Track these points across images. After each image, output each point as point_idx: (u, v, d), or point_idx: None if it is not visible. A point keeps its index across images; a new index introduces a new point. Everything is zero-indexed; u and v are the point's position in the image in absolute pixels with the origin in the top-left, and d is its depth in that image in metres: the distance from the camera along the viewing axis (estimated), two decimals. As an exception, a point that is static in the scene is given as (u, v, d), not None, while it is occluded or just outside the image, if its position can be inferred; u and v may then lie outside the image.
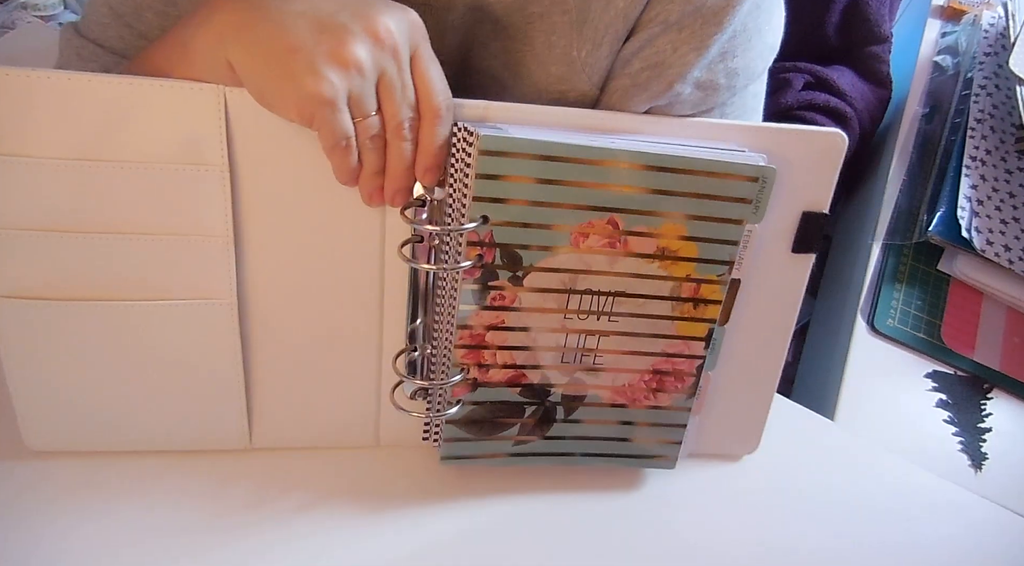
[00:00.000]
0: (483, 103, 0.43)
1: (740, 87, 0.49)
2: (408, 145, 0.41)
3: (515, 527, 0.51)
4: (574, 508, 0.53)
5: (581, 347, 0.48)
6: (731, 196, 0.45)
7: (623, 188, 0.43)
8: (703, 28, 0.45)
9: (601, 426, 0.51)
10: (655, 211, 0.44)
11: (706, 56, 0.46)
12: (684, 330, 0.49)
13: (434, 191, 0.44)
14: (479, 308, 0.46)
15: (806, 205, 0.48)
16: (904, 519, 0.55)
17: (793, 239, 0.49)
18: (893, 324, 0.72)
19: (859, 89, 1.00)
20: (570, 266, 0.45)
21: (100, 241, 0.43)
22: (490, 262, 0.44)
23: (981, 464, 0.62)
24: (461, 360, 0.47)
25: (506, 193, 0.42)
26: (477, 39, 0.50)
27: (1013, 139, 0.83)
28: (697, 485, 0.55)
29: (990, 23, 0.99)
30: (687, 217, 0.45)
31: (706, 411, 0.53)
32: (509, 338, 0.47)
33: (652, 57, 0.46)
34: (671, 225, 0.45)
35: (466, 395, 0.48)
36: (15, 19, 1.02)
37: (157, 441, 0.51)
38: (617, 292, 0.47)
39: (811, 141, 0.47)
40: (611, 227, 0.44)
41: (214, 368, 0.48)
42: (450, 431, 0.50)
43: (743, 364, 0.52)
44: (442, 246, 0.46)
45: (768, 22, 0.49)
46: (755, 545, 0.52)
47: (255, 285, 0.46)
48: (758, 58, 0.49)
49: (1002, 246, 0.74)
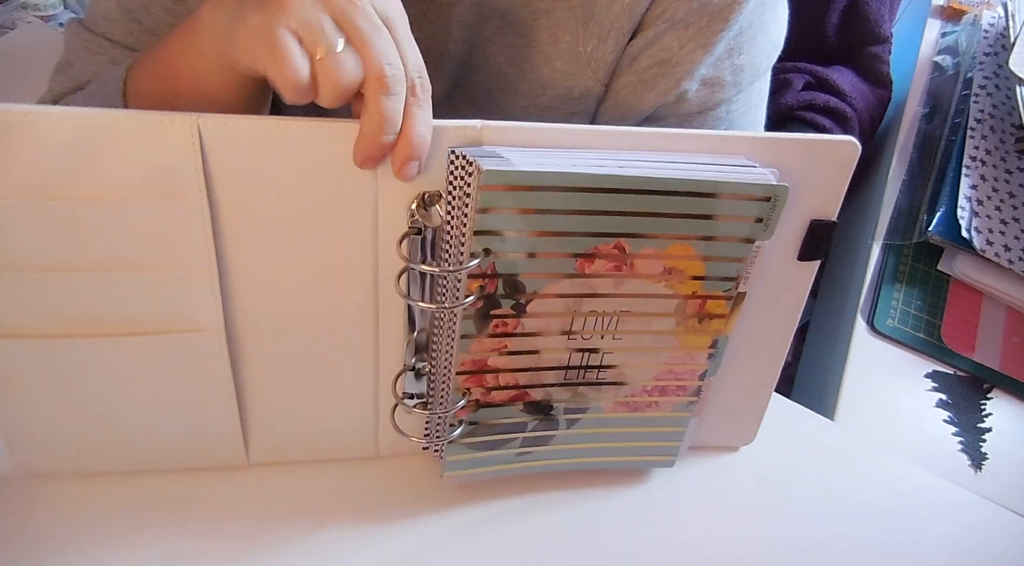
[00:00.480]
0: (477, 123, 0.41)
1: (746, 84, 0.49)
2: (389, 101, 0.36)
3: (517, 528, 0.51)
4: (574, 507, 0.53)
5: (584, 365, 0.47)
6: (741, 216, 0.43)
7: (630, 213, 0.42)
8: (709, 25, 0.45)
9: (603, 433, 0.51)
10: (662, 234, 0.43)
11: (712, 53, 0.46)
12: (688, 343, 0.48)
13: (431, 216, 0.42)
14: (481, 336, 0.44)
15: (814, 214, 0.47)
16: (904, 519, 0.55)
17: (800, 247, 0.48)
18: (893, 324, 0.72)
19: (859, 89, 1.00)
20: (575, 291, 0.44)
21: (79, 279, 0.41)
22: (492, 292, 0.43)
23: (981, 464, 0.62)
24: (463, 385, 0.46)
25: (509, 225, 0.40)
26: (482, 35, 0.50)
27: (1013, 139, 0.83)
28: (697, 484, 0.55)
29: (990, 23, 0.99)
30: (696, 238, 0.43)
31: (706, 407, 0.53)
32: (512, 361, 0.46)
33: (659, 54, 0.46)
34: (679, 246, 0.43)
35: (467, 416, 0.48)
36: (15, 19, 1.02)
37: (153, 462, 0.50)
38: (622, 312, 0.46)
39: (823, 150, 0.45)
40: (617, 251, 0.43)
41: (206, 394, 0.47)
42: (452, 450, 0.49)
43: (745, 364, 0.52)
44: (441, 279, 0.44)
45: (773, 19, 0.49)
46: (755, 545, 0.52)
47: (245, 314, 0.44)
48: (763, 55, 0.49)
49: (1002, 246, 0.74)
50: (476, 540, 0.50)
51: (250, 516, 0.49)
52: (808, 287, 0.50)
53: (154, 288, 0.42)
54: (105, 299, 0.42)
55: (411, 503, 0.51)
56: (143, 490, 0.49)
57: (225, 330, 0.44)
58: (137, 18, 0.51)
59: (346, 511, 0.50)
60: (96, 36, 0.52)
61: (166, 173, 0.39)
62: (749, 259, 0.46)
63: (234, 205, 0.41)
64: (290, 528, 0.49)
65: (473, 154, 0.39)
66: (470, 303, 0.42)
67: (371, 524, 0.50)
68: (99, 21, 0.52)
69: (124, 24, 0.51)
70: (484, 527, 0.51)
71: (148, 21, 0.51)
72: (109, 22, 0.52)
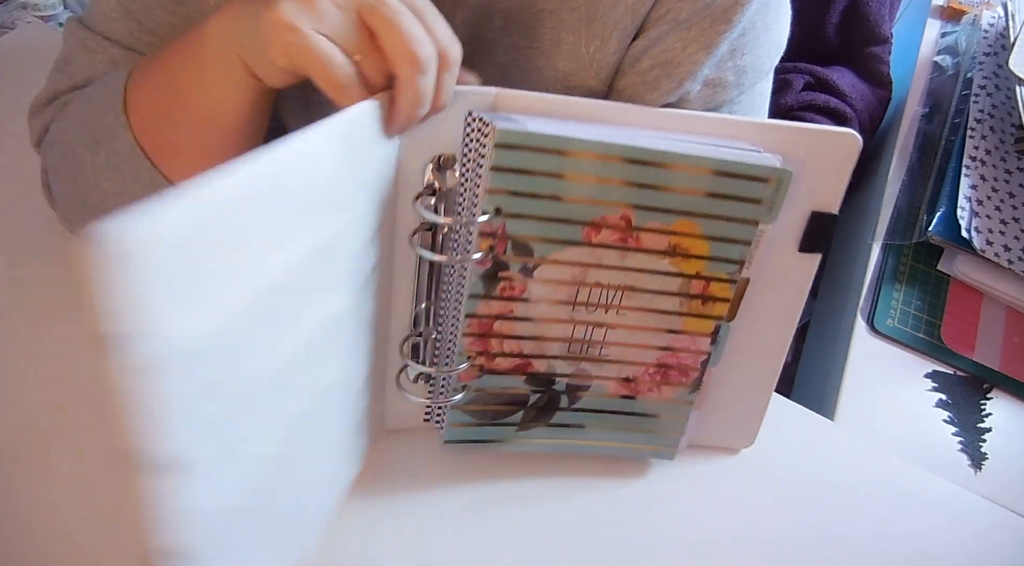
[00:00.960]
0: (492, 90, 0.43)
1: (748, 85, 0.49)
2: (423, 79, 0.37)
3: (515, 513, 0.51)
4: (572, 498, 0.53)
5: (588, 339, 0.48)
6: (746, 197, 0.44)
7: (638, 184, 0.43)
8: (712, 26, 0.45)
9: (604, 416, 0.51)
10: (669, 208, 0.44)
11: (715, 54, 0.46)
12: (691, 326, 0.49)
13: (446, 178, 0.44)
14: (488, 298, 0.46)
15: (815, 205, 0.48)
16: (904, 519, 0.55)
17: (801, 238, 0.49)
18: (893, 324, 0.72)
19: (859, 90, 1.00)
20: (581, 260, 0.45)
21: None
22: (501, 253, 0.44)
23: (981, 464, 0.62)
24: (468, 348, 0.47)
25: (520, 186, 0.42)
26: (486, 36, 0.50)
27: (1013, 139, 0.83)
28: (697, 482, 0.55)
29: (990, 23, 0.99)
30: (701, 216, 0.45)
31: (707, 403, 0.53)
32: (517, 328, 0.47)
33: (661, 55, 0.46)
34: (684, 222, 0.45)
35: (471, 381, 0.48)
36: (15, 19, 1.02)
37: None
38: (627, 286, 0.47)
39: (825, 141, 0.46)
40: (624, 223, 0.44)
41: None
42: (454, 415, 0.50)
43: (745, 359, 0.52)
44: (452, 235, 0.46)
45: (776, 20, 0.49)
46: (755, 544, 0.52)
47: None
48: (766, 56, 0.49)
49: (1002, 246, 0.74)
50: (473, 519, 0.50)
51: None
52: (809, 282, 0.50)
53: None
54: None
55: (411, 483, 0.52)
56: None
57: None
58: (137, 18, 0.51)
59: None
60: (95, 34, 0.52)
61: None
62: (754, 242, 0.47)
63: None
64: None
65: (490, 118, 0.41)
66: (479, 260, 0.44)
67: (373, 497, 0.50)
68: (99, 19, 0.52)
69: (124, 23, 0.51)
70: (479, 512, 0.51)
71: (148, 21, 0.51)
72: (109, 20, 0.52)
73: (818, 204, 0.48)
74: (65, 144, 0.50)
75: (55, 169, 0.53)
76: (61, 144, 0.51)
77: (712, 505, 0.54)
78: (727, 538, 0.52)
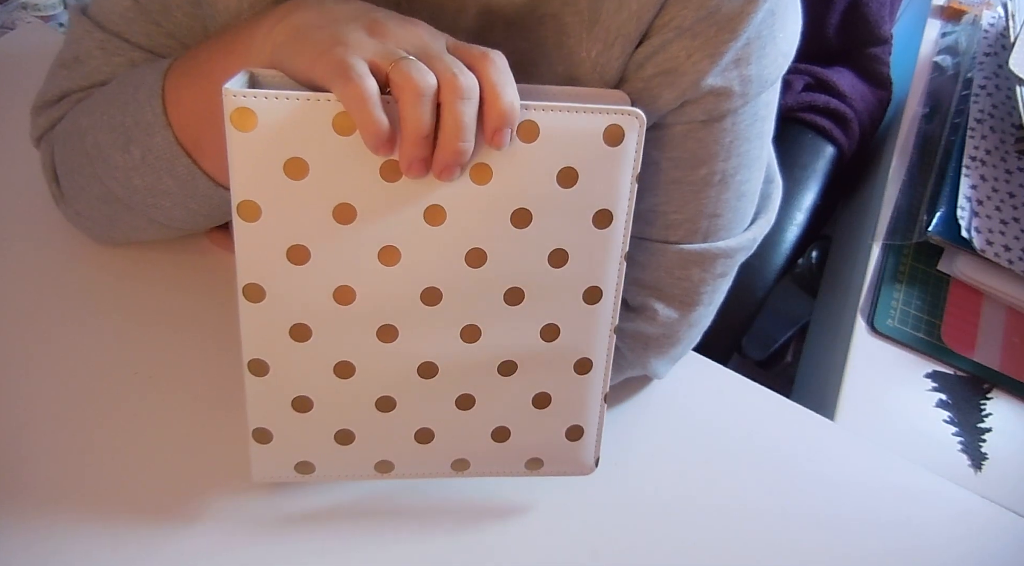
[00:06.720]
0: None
1: (753, 95, 0.48)
2: (466, 104, 0.38)
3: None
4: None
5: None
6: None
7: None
8: (717, 35, 0.44)
9: None
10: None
11: (720, 63, 0.45)
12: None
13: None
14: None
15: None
16: (904, 519, 0.56)
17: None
18: (893, 324, 0.72)
19: (859, 90, 1.00)
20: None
21: None
22: None
23: (981, 464, 0.62)
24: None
25: None
26: (488, 41, 0.50)
27: (1013, 139, 0.83)
28: (697, 481, 0.55)
29: (990, 23, 0.99)
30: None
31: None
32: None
33: (665, 63, 0.46)
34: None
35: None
36: (15, 19, 1.03)
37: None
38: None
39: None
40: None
41: None
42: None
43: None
44: None
45: (783, 29, 0.48)
46: (755, 544, 0.52)
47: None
48: (772, 66, 0.48)
49: (1002, 246, 0.74)
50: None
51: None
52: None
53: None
54: None
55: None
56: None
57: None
58: (156, 20, 0.50)
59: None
60: (111, 35, 0.51)
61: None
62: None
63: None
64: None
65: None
66: None
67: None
68: (114, 19, 0.51)
69: (142, 25, 0.51)
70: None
71: (168, 24, 0.51)
72: (126, 22, 0.51)
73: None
74: (87, 142, 0.50)
75: (68, 165, 0.53)
76: (81, 142, 0.51)
77: (712, 505, 0.54)
78: (727, 539, 0.52)
